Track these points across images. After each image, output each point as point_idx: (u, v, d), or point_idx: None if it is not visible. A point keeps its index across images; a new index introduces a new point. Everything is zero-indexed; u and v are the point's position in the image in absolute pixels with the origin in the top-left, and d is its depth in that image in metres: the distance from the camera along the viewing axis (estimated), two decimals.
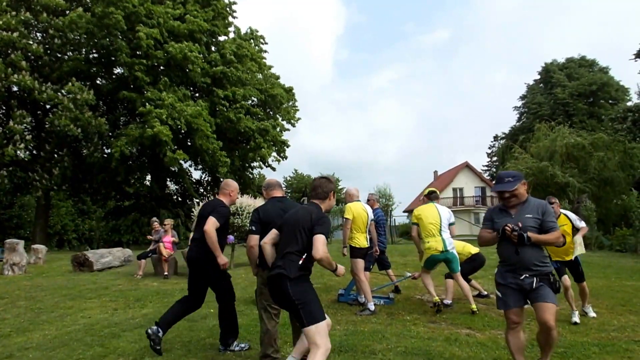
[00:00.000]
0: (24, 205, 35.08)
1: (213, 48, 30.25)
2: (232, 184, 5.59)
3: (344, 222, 7.60)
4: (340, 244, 9.56)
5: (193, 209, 14.81)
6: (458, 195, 51.59)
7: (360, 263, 7.50)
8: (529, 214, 4.07)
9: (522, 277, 3.98)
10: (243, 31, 31.88)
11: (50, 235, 31.72)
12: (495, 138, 55.85)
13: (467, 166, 52.32)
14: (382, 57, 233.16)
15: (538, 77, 51.21)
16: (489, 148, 57.45)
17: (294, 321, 4.52)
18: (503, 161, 39.97)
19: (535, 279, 3.94)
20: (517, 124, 51.19)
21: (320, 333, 3.52)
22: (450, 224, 7.51)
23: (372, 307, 7.22)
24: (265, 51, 33.36)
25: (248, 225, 5.01)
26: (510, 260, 4.07)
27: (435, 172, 59.82)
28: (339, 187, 59.16)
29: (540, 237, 3.97)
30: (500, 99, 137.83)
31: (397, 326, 6.32)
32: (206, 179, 34.67)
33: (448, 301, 7.47)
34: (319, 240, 3.62)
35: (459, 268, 7.47)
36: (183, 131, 25.62)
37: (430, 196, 7.92)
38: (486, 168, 58.03)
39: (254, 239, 4.46)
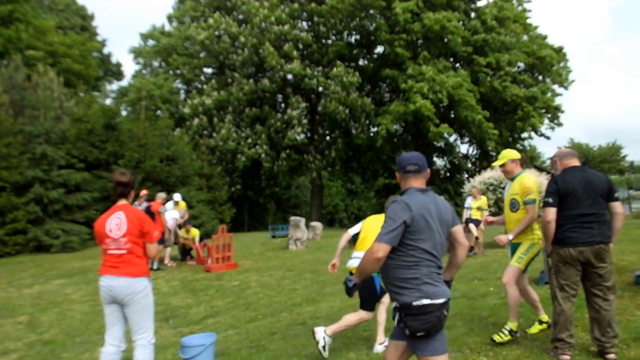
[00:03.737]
0: (299, 186, 39.95)
1: (472, 15, 29.66)
2: None
3: None
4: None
5: (463, 185, 14.68)
6: None
7: None
8: None
9: None
10: None
11: (323, 214, 35.33)
12: None
13: None
14: None
15: None
16: None
17: (591, 304, 4.36)
18: None
19: None
20: None
21: None
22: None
23: None
24: (529, 10, 31.95)
25: (543, 196, 4.68)
26: None
27: None
28: (622, 156, 52.94)
29: None
30: None
31: None
32: (474, 152, 34.32)
33: None
34: None
35: None
36: (445, 104, 25.80)
37: None
38: None
39: (551, 212, 4.27)
